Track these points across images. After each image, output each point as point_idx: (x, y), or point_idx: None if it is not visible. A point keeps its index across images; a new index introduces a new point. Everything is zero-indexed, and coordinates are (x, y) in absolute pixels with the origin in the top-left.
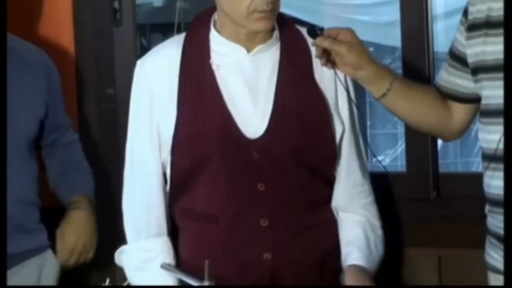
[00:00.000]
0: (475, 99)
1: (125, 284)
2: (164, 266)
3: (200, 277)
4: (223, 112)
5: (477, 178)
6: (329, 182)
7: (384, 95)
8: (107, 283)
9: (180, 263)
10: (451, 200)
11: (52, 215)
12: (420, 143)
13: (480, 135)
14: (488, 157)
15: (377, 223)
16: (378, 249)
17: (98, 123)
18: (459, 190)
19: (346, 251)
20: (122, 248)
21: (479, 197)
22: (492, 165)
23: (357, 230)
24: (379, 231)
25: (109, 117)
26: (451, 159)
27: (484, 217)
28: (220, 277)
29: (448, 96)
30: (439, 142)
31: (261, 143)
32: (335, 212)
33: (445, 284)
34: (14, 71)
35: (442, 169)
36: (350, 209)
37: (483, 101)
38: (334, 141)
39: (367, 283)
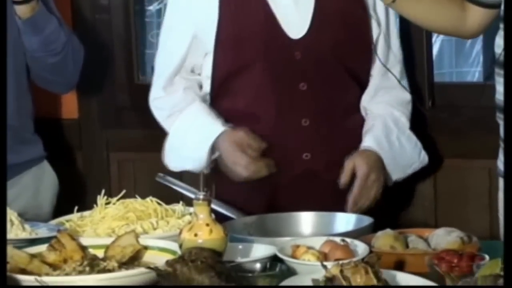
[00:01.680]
0: (495, 4)
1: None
2: (160, 177)
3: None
4: (266, 12)
5: (472, 88)
6: (365, 86)
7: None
8: (101, 195)
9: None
10: (446, 110)
11: (45, 126)
12: (415, 53)
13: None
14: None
15: (404, 121)
16: (403, 147)
17: (92, 34)
18: (454, 100)
19: (362, 141)
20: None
21: (474, 107)
22: (498, 71)
23: (376, 121)
24: (407, 131)
25: (103, 27)
26: (446, 69)
27: (478, 126)
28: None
29: None
30: (434, 51)
31: (304, 43)
32: (363, 112)
33: (439, 193)
34: None
35: (437, 79)
36: (375, 105)
37: None
38: (372, 42)
39: (367, 162)
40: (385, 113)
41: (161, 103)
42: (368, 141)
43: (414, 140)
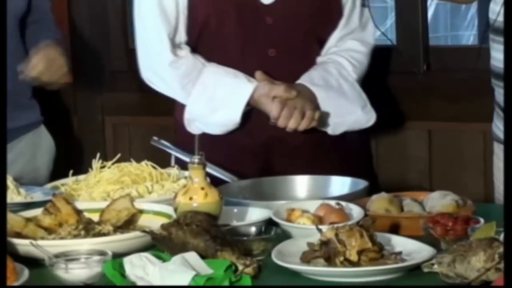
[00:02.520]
0: None
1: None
2: (155, 141)
3: (191, 152)
4: None
5: (467, 52)
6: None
7: None
8: (97, 159)
9: None
10: (441, 74)
11: (41, 90)
12: (410, 16)
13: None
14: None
15: (350, 69)
16: (342, 90)
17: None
18: (449, 63)
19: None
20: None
21: (469, 71)
22: (493, 37)
23: (316, 66)
24: (351, 79)
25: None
26: (441, 33)
27: (473, 90)
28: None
29: None
30: (429, 15)
31: (275, 9)
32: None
33: (434, 157)
34: None
35: (432, 42)
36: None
37: None
38: (342, 11)
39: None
40: (330, 61)
41: (170, 73)
42: (300, 80)
43: (359, 90)
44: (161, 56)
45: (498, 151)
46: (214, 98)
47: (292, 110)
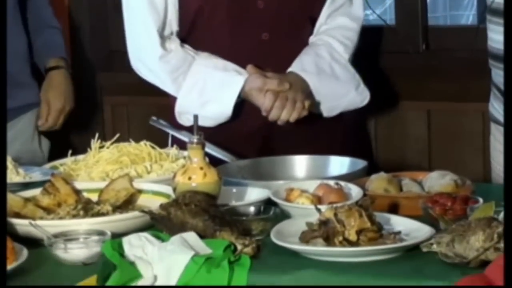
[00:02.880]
0: None
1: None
2: (153, 121)
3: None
4: None
5: (466, 32)
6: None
7: None
8: (95, 139)
9: None
10: (439, 54)
11: (39, 70)
12: None
13: None
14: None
15: (342, 50)
16: (335, 74)
17: None
18: (448, 43)
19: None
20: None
21: (467, 50)
22: (490, 17)
23: (307, 49)
24: (343, 61)
25: None
26: (440, 13)
27: (472, 69)
28: (247, 115)
29: None
30: None
31: None
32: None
33: (433, 136)
34: None
35: (431, 22)
36: (316, 37)
37: None
38: None
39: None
40: (321, 43)
41: (160, 68)
42: (292, 67)
43: (352, 71)
44: (150, 51)
45: (495, 131)
46: (205, 92)
47: (284, 102)
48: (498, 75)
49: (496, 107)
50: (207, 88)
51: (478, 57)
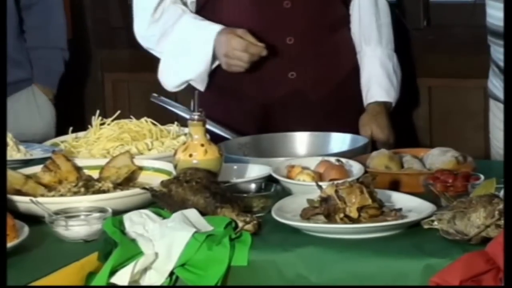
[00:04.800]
0: None
1: None
2: (154, 97)
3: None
4: None
5: (467, 8)
6: (346, 1)
7: None
8: (96, 116)
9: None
10: (441, 29)
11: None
12: None
13: None
14: None
15: (391, 49)
16: (397, 74)
17: None
18: (449, 19)
19: (366, 88)
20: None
21: (469, 26)
22: None
23: (375, 65)
24: (395, 57)
25: None
26: None
27: (473, 46)
28: (246, 96)
29: None
30: None
31: None
32: (354, 37)
33: (434, 113)
34: None
35: None
36: (365, 37)
37: None
38: None
39: (380, 126)
40: (377, 51)
41: (150, 31)
42: (376, 94)
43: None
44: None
45: (494, 108)
46: (186, 43)
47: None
48: (497, 51)
49: (495, 84)
50: (186, 38)
51: (479, 34)
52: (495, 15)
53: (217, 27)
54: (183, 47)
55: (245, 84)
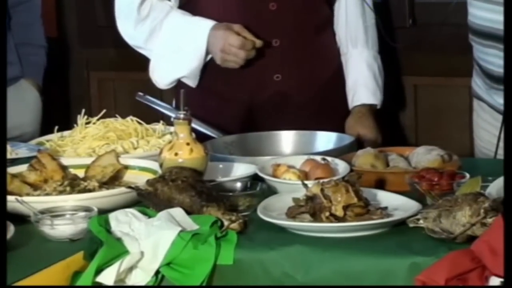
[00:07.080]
0: None
1: None
2: (140, 96)
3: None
4: None
5: (453, 6)
6: (330, 2)
7: None
8: (82, 115)
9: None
10: (426, 28)
11: None
12: None
13: None
14: None
15: (376, 50)
16: (382, 76)
17: None
18: (435, 18)
19: (353, 91)
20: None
21: (454, 25)
22: None
23: (362, 68)
24: (379, 59)
25: None
26: None
27: (459, 44)
28: (232, 97)
29: None
30: None
31: None
32: (339, 39)
33: (419, 111)
34: None
35: None
36: (352, 39)
37: None
38: None
39: (368, 127)
40: (364, 57)
41: (138, 29)
42: (363, 97)
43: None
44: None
45: (478, 107)
46: (178, 39)
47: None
48: (478, 51)
49: (478, 83)
50: (176, 34)
51: (464, 32)
52: (477, 14)
53: (210, 22)
54: (174, 44)
55: (231, 85)
